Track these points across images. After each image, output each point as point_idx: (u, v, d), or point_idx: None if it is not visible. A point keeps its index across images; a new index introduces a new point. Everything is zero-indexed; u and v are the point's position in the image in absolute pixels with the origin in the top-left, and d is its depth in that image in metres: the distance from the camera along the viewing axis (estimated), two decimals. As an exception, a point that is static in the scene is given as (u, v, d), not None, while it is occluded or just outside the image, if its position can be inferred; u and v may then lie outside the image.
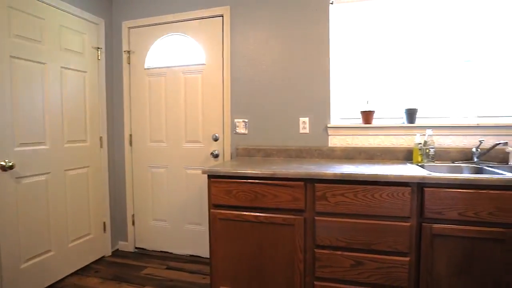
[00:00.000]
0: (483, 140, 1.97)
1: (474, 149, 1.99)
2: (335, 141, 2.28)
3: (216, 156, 2.55)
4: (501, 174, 1.61)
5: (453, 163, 2.03)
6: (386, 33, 2.25)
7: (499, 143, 1.89)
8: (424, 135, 2.07)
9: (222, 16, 2.50)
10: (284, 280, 1.77)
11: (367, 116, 2.22)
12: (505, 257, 1.51)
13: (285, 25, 2.37)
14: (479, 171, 1.87)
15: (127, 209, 2.86)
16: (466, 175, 1.53)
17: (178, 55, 2.67)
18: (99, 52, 2.67)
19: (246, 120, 2.48)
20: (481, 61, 2.12)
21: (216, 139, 2.55)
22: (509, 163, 1.94)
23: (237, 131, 2.50)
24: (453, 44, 2.15)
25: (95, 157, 2.66)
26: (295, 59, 2.36)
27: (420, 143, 2.03)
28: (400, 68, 2.25)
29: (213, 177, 1.85)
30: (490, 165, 1.94)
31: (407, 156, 2.16)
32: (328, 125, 2.28)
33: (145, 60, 2.75)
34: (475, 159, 1.99)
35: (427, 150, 2.02)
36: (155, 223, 2.82)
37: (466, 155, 2.08)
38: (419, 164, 1.99)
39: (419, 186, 1.59)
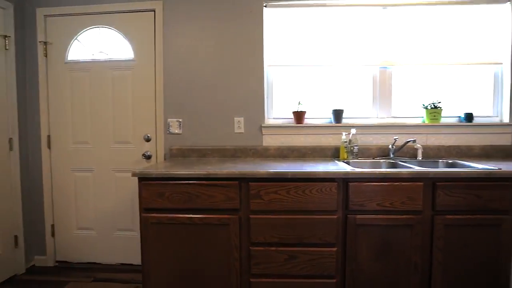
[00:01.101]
0: (397, 138, 2.22)
1: (390, 146, 2.23)
2: (269, 140, 2.35)
3: (148, 157, 2.43)
4: (411, 167, 1.83)
5: (373, 159, 2.24)
6: (316, 38, 2.38)
7: (409, 141, 2.15)
8: (349, 134, 2.24)
9: (154, 10, 2.39)
10: (221, 280, 1.76)
11: (299, 116, 2.33)
12: (413, 240, 1.71)
13: (220, 23, 2.36)
14: (394, 165, 2.09)
15: (45, 219, 2.56)
16: (383, 170, 1.70)
17: (106, 49, 2.47)
18: (7, 41, 2.33)
19: (180, 120, 2.41)
20: (394, 68, 2.39)
21: (148, 140, 2.43)
22: (418, 158, 2.21)
23: (170, 131, 2.42)
24: (371, 52, 2.38)
25: (2, 162, 2.32)
26: (230, 58, 2.36)
27: (346, 141, 2.20)
28: (329, 71, 2.41)
29: (144, 180, 1.75)
30: (403, 160, 2.19)
31: (335, 153, 2.32)
32: (263, 125, 2.34)
33: (66, 53, 2.49)
34: (391, 155, 2.23)
35: (352, 148, 2.20)
36: (79, 233, 2.57)
37: (384, 152, 2.32)
38: (345, 160, 2.16)
39: (344, 181, 1.72)
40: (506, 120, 2.35)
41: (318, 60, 2.38)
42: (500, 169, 1.72)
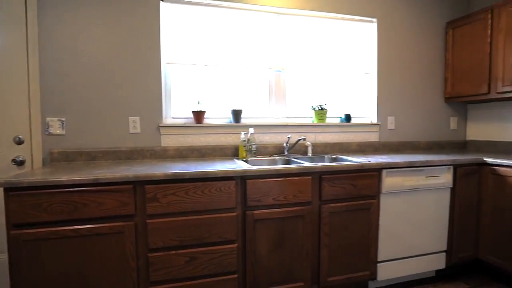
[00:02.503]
0: (290, 137, 2.41)
1: (284, 144, 2.41)
2: (168, 140, 2.27)
3: (20, 163, 2.05)
4: (301, 163, 2.01)
5: (270, 156, 2.38)
6: (216, 39, 2.40)
7: (301, 139, 2.36)
8: (248, 133, 2.34)
9: (24, -10, 2.03)
10: (115, 294, 1.62)
11: (199, 115, 2.31)
12: (305, 229, 1.89)
13: (112, 13, 2.15)
14: (288, 162, 2.27)
15: None
16: (277, 166, 1.83)
17: (-47, 30, 1.98)
18: None
19: (63, 119, 2.11)
20: (287, 72, 2.59)
21: (19, 143, 2.05)
22: (308, 154, 2.46)
23: (50, 131, 2.09)
24: (267, 55, 2.53)
25: None
26: (124, 53, 2.18)
27: (245, 141, 2.29)
28: (228, 72, 2.46)
29: (13, 190, 1.47)
30: (296, 156, 2.39)
31: (234, 152, 2.38)
32: (160, 125, 2.24)
33: None
34: (286, 152, 2.41)
35: (250, 147, 2.29)
36: None
37: (280, 150, 2.49)
38: (244, 159, 2.24)
39: (242, 179, 1.78)
40: (374, 120, 2.81)
41: (217, 60, 2.41)
42: (370, 161, 2.04)
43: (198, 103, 2.32)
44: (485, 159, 2.28)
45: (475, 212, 2.33)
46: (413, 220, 2.17)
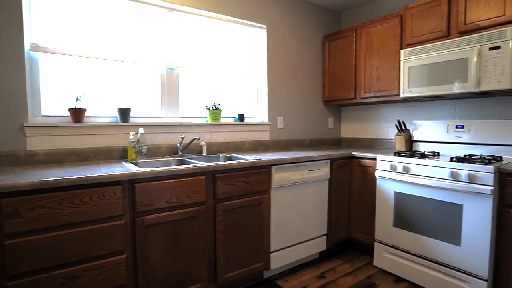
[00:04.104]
0: (184, 136, 2.35)
1: (178, 145, 2.34)
2: (37, 143, 1.91)
3: None
4: (195, 163, 1.99)
5: (163, 158, 2.28)
6: (101, 30, 2.15)
7: (195, 139, 2.33)
8: (138, 133, 2.17)
9: None
10: None
11: (78, 114, 2.03)
12: (200, 229, 1.88)
13: None
14: (182, 162, 2.21)
15: None
16: (169, 168, 1.76)
17: None
18: None
19: None
20: (181, 71, 2.52)
21: None
22: (203, 154, 2.44)
23: None
24: (159, 52, 2.40)
25: None
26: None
27: (134, 141, 2.12)
28: (114, 67, 2.23)
29: None
30: (191, 157, 2.35)
31: (122, 154, 2.19)
32: (26, 124, 1.86)
33: None
34: (180, 153, 2.34)
35: (141, 148, 2.14)
36: None
37: (173, 150, 2.40)
38: (134, 161, 2.07)
39: (130, 183, 1.64)
40: (265, 120, 2.99)
41: (102, 53, 2.16)
42: (261, 159, 2.16)
43: (77, 99, 2.04)
44: (353, 153, 2.69)
45: (347, 198, 2.74)
46: (300, 210, 2.40)
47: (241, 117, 2.81)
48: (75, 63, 2.10)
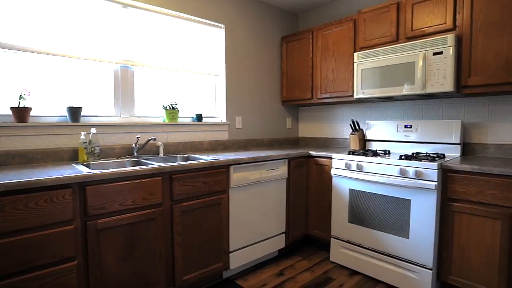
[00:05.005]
0: (139, 137, 2.29)
1: (134, 145, 2.27)
2: (-27, 145, 1.76)
3: None
4: (151, 164, 1.94)
5: (117, 159, 2.19)
6: (48, 22, 2.01)
7: (151, 139, 2.27)
8: (89, 134, 2.08)
9: None
10: None
11: (22, 113, 1.89)
12: (157, 231, 1.84)
13: None
14: (138, 163, 2.15)
15: None
16: (123, 169, 1.70)
17: None
18: None
19: None
20: (136, 69, 2.44)
21: None
22: (160, 154, 2.39)
23: None
24: (113, 49, 2.31)
25: None
26: None
27: (86, 142, 2.02)
28: (63, 64, 2.10)
29: None
30: (147, 157, 2.29)
31: (73, 156, 2.07)
32: (-41, 125, 1.71)
33: None
34: (135, 154, 2.27)
35: (93, 149, 2.05)
36: None
37: (129, 151, 2.33)
38: (85, 163, 1.98)
39: (81, 186, 1.57)
40: (224, 120, 3.00)
41: (49, 48, 2.02)
42: (219, 159, 2.17)
43: (21, 97, 1.90)
44: (310, 152, 2.79)
45: (305, 196, 2.83)
46: (259, 209, 2.44)
47: (199, 117, 2.79)
48: (19, 58, 1.95)
